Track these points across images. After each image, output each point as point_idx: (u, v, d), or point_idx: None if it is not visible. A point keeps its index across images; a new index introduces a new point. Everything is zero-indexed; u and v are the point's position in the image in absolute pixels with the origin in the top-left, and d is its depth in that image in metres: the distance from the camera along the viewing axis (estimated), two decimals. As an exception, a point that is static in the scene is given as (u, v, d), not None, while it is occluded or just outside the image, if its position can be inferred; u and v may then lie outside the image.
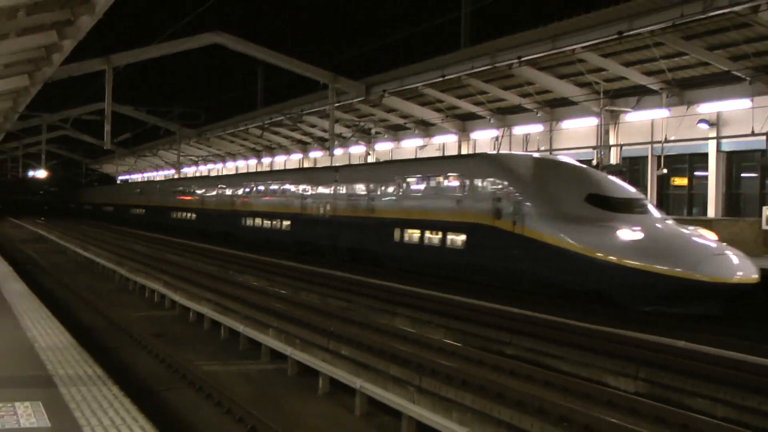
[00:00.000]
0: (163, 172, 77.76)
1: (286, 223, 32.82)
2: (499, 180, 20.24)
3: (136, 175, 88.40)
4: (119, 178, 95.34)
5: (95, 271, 27.30)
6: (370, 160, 42.31)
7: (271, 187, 35.70)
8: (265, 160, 57.88)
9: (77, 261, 31.38)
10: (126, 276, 23.23)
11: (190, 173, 73.43)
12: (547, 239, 18.20)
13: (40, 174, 74.75)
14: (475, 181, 21.23)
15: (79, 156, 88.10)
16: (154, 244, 37.22)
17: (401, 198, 24.91)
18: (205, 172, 71.35)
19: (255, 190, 37.58)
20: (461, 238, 21.35)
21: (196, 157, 69.19)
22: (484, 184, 20.85)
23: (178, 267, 25.94)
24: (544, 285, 18.57)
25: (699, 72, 25.00)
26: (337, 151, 42.19)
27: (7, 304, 14.67)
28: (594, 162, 26.26)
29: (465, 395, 9.77)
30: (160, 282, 21.03)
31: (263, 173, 47.89)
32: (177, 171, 66.00)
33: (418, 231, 23.33)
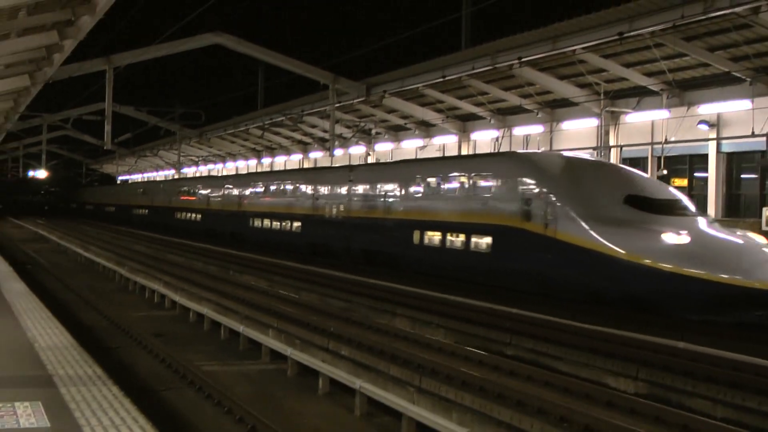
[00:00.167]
0: (163, 173, 77.73)
1: (296, 224, 31.77)
2: (529, 180, 19.16)
3: (137, 176, 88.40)
4: (119, 178, 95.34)
5: (96, 271, 27.32)
6: (370, 160, 42.27)
7: (282, 186, 34.53)
8: (266, 161, 57.90)
9: (78, 261, 31.40)
10: (126, 276, 23.25)
11: (190, 173, 73.39)
12: (582, 243, 17.16)
13: (41, 174, 74.71)
14: (503, 181, 20.21)
15: (79, 156, 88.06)
16: (155, 245, 37.21)
17: (422, 198, 23.73)
18: (205, 172, 71.33)
19: (264, 189, 36.55)
20: (487, 241, 20.24)
21: (197, 158, 69.21)
22: (512, 184, 19.71)
23: (179, 267, 25.94)
24: (577, 291, 17.48)
25: (699, 73, 25.01)
26: (338, 151, 42.16)
27: (7, 303, 14.69)
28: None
29: (465, 395, 9.78)
30: (161, 282, 21.04)
31: (273, 173, 46.97)
32: (177, 171, 65.97)
33: (440, 233, 22.21)
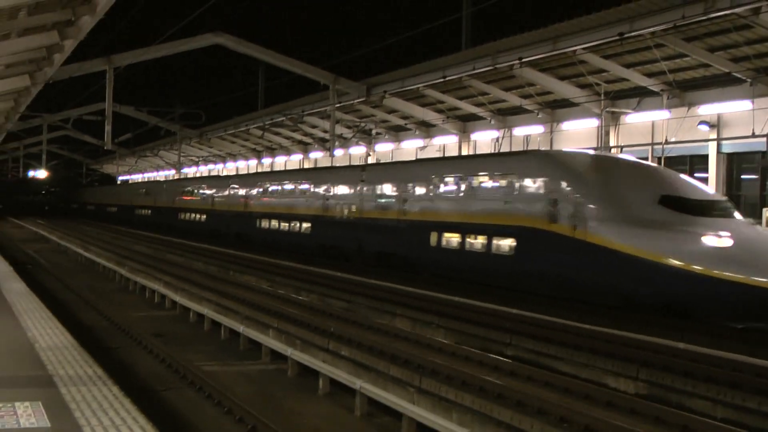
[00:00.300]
0: (163, 173, 77.69)
1: (306, 224, 31.10)
2: (555, 180, 18.43)
3: (137, 176, 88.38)
4: (120, 178, 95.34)
5: (96, 271, 27.32)
6: (370, 161, 42.24)
7: (290, 186, 33.85)
8: (266, 161, 57.90)
9: (78, 261, 31.40)
10: (127, 276, 23.26)
11: (190, 174, 73.34)
12: (614, 245, 16.45)
13: (41, 174, 74.73)
14: (527, 181, 19.45)
15: (79, 156, 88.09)
16: (155, 245, 37.21)
17: (440, 199, 22.97)
18: (205, 172, 71.30)
19: (272, 190, 35.93)
20: (509, 243, 19.58)
21: (197, 158, 69.21)
22: (537, 184, 19.06)
23: (179, 267, 25.94)
24: (607, 296, 16.82)
25: (700, 73, 24.99)
26: (338, 152, 42.13)
27: (8, 303, 14.69)
28: None
29: (465, 396, 9.78)
30: (161, 282, 21.04)
31: (281, 172, 46.38)
32: (177, 171, 65.94)
33: (459, 235, 21.46)
